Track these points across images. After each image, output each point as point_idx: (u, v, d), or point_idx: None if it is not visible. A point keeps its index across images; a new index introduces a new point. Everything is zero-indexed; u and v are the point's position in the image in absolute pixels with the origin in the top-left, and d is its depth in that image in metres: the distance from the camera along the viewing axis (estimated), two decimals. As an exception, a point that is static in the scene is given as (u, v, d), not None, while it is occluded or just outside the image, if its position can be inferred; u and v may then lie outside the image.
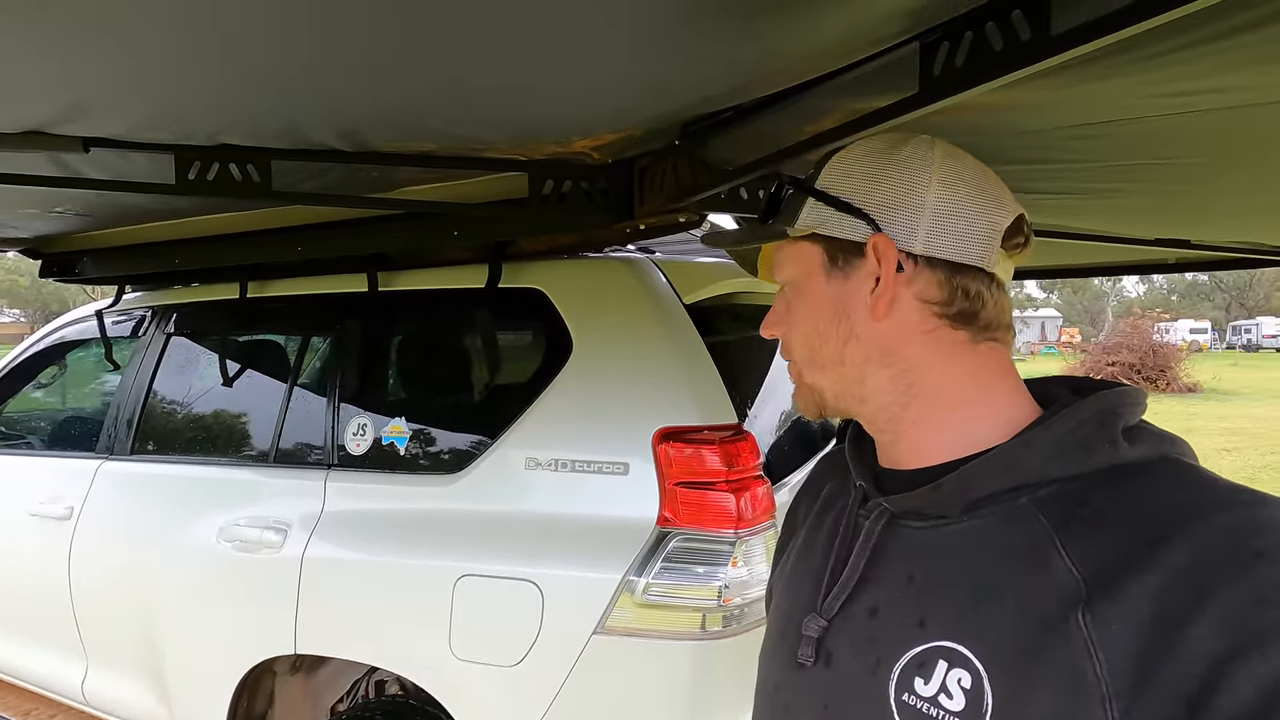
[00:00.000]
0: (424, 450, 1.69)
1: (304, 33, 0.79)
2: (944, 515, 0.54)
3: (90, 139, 1.20)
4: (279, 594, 1.69)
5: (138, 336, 2.31)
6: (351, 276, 1.91)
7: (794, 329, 0.63)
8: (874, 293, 0.57)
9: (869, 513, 0.59)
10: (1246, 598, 0.40)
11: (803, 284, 0.62)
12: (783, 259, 0.64)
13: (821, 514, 0.68)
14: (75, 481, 2.17)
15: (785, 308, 0.64)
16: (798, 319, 0.62)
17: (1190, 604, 0.41)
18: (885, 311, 0.57)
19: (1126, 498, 0.47)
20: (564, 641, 1.38)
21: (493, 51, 0.83)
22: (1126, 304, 41.17)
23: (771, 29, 0.79)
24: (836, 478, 0.69)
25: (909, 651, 0.51)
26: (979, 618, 0.49)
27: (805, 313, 0.62)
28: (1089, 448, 0.50)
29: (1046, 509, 0.49)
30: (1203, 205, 1.35)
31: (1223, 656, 0.39)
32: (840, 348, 0.60)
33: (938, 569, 0.53)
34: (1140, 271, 2.46)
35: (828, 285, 0.60)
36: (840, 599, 0.57)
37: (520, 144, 1.28)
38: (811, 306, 0.61)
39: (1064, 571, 0.46)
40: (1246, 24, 0.64)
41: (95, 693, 2.12)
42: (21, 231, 2.21)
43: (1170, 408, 12.91)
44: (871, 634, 0.54)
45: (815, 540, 0.66)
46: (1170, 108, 0.83)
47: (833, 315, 0.60)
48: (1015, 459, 0.51)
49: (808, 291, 0.62)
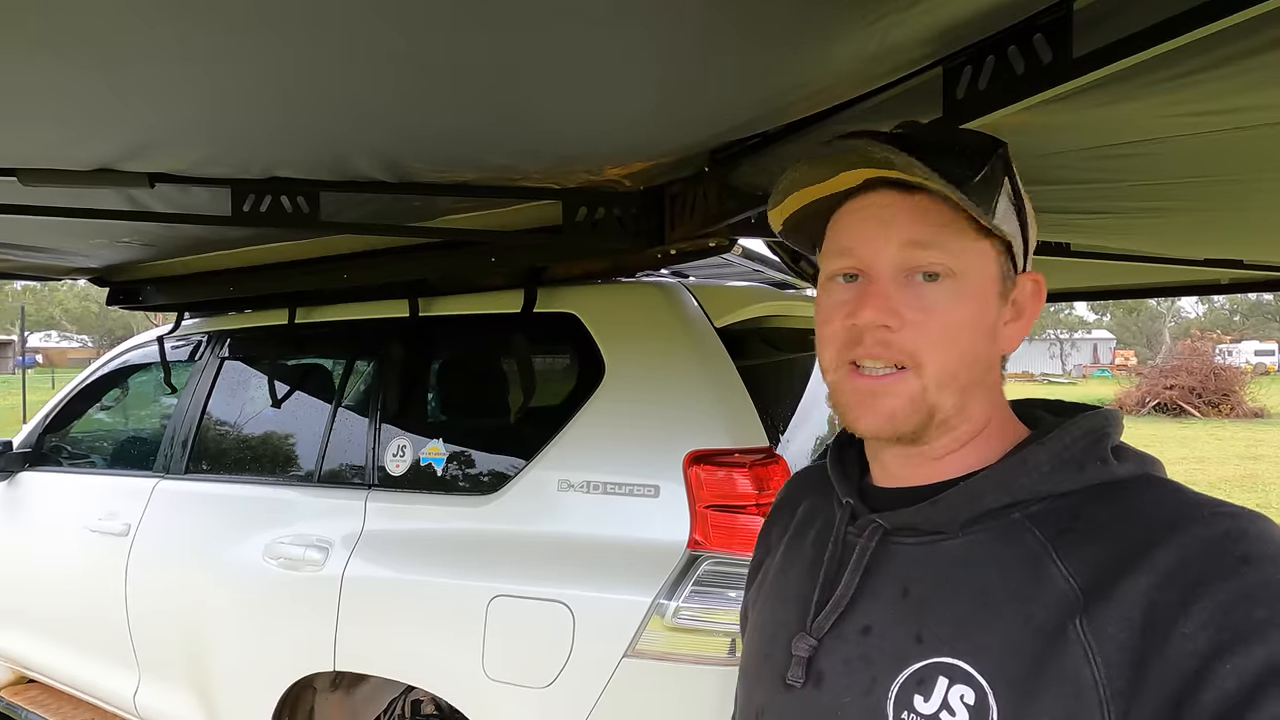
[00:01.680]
0: (460, 471, 1.73)
1: (359, 76, 0.84)
2: (940, 531, 0.54)
3: (155, 174, 1.29)
4: (320, 611, 1.73)
5: (194, 361, 2.43)
6: (393, 302, 1.98)
7: (943, 336, 0.52)
8: (1012, 325, 0.56)
9: (860, 530, 0.57)
10: (1233, 598, 0.42)
11: (976, 289, 0.53)
12: (948, 241, 0.52)
13: (800, 533, 0.66)
14: (133, 499, 2.27)
15: (915, 300, 0.52)
16: (954, 327, 0.52)
17: (1179, 604, 0.43)
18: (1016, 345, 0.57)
19: (1118, 511, 0.49)
20: (595, 664, 1.38)
21: (535, 90, 0.87)
22: (1185, 325, 39.48)
23: (797, 60, 0.81)
24: (812, 496, 0.68)
25: (907, 669, 0.51)
26: (979, 633, 0.49)
27: (970, 324, 0.53)
28: (1081, 465, 0.51)
29: (1040, 524, 0.50)
30: (1248, 224, 1.31)
31: (1209, 652, 0.41)
32: (984, 374, 0.55)
33: (933, 585, 0.52)
34: (1192, 293, 2.38)
35: (997, 304, 0.55)
36: (832, 617, 0.56)
37: (554, 173, 1.32)
38: (979, 320, 0.54)
39: (1061, 582, 0.47)
40: (1270, 42, 0.63)
41: (147, 705, 2.19)
42: (91, 261, 2.36)
43: (1235, 434, 12.27)
44: (865, 652, 0.53)
45: (795, 560, 0.64)
46: (1196, 127, 0.82)
47: (988, 337, 0.55)
48: (1014, 476, 0.52)
49: (978, 301, 0.53)
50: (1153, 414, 15.56)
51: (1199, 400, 15.31)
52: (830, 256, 0.58)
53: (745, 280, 2.37)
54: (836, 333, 0.55)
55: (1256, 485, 7.83)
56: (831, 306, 0.56)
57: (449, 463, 1.74)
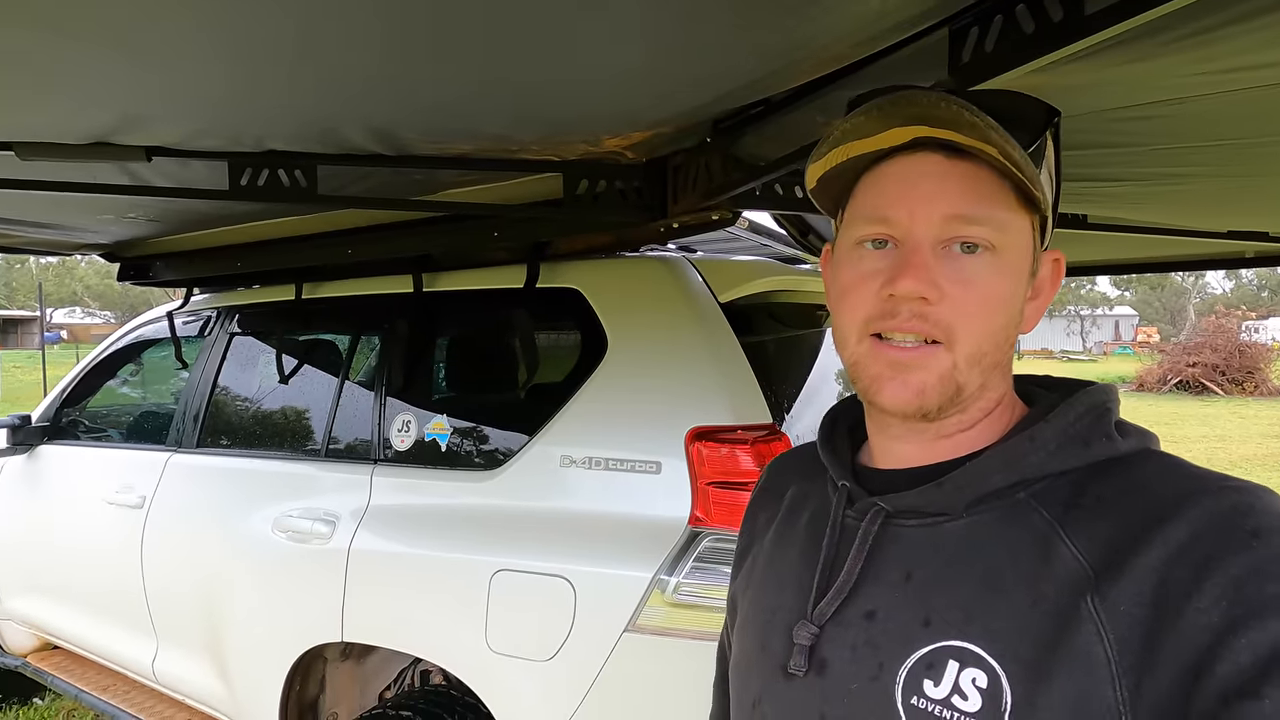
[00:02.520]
0: (464, 447, 1.73)
1: (343, 41, 0.82)
2: (944, 513, 0.52)
3: (151, 148, 1.28)
4: (327, 583, 1.75)
5: (204, 336, 2.44)
6: (398, 278, 1.97)
7: (980, 310, 0.50)
8: (1034, 302, 0.54)
9: (860, 513, 0.56)
10: (1245, 573, 0.41)
11: (1015, 263, 0.51)
12: (998, 213, 0.50)
13: (791, 518, 0.64)
14: (147, 472, 2.31)
15: (954, 272, 0.50)
16: (993, 301, 0.50)
17: (1192, 579, 0.42)
18: (1034, 325, 0.55)
19: (1124, 486, 0.48)
20: (596, 638, 1.39)
21: (523, 44, 0.84)
22: (1210, 301, 38.62)
23: (795, 18, 0.77)
24: (800, 480, 0.66)
25: (915, 653, 0.49)
26: (989, 615, 0.48)
27: (1008, 298, 0.51)
28: (1087, 441, 0.50)
29: (1046, 502, 0.50)
30: (1272, 192, 1.25)
31: (1223, 627, 0.40)
32: (1007, 351, 0.53)
33: (938, 567, 0.51)
34: (1215, 266, 2.31)
35: (1027, 279, 0.53)
36: (835, 604, 0.54)
37: (552, 143, 1.29)
38: (1015, 295, 0.52)
39: (1071, 560, 0.47)
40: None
41: (164, 672, 2.25)
42: (101, 237, 2.37)
43: (1259, 412, 12.05)
44: (870, 638, 0.52)
45: (789, 545, 0.62)
46: (1225, 84, 0.78)
47: (1019, 314, 0.53)
48: (1021, 455, 0.51)
49: (1017, 275, 0.51)
50: (1174, 391, 15.32)
51: (1222, 378, 15.04)
52: (860, 221, 0.54)
53: (753, 255, 2.33)
54: (864, 302, 0.52)
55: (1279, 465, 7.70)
56: (860, 275, 0.53)
57: (453, 438, 1.75)
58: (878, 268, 0.52)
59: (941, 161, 0.50)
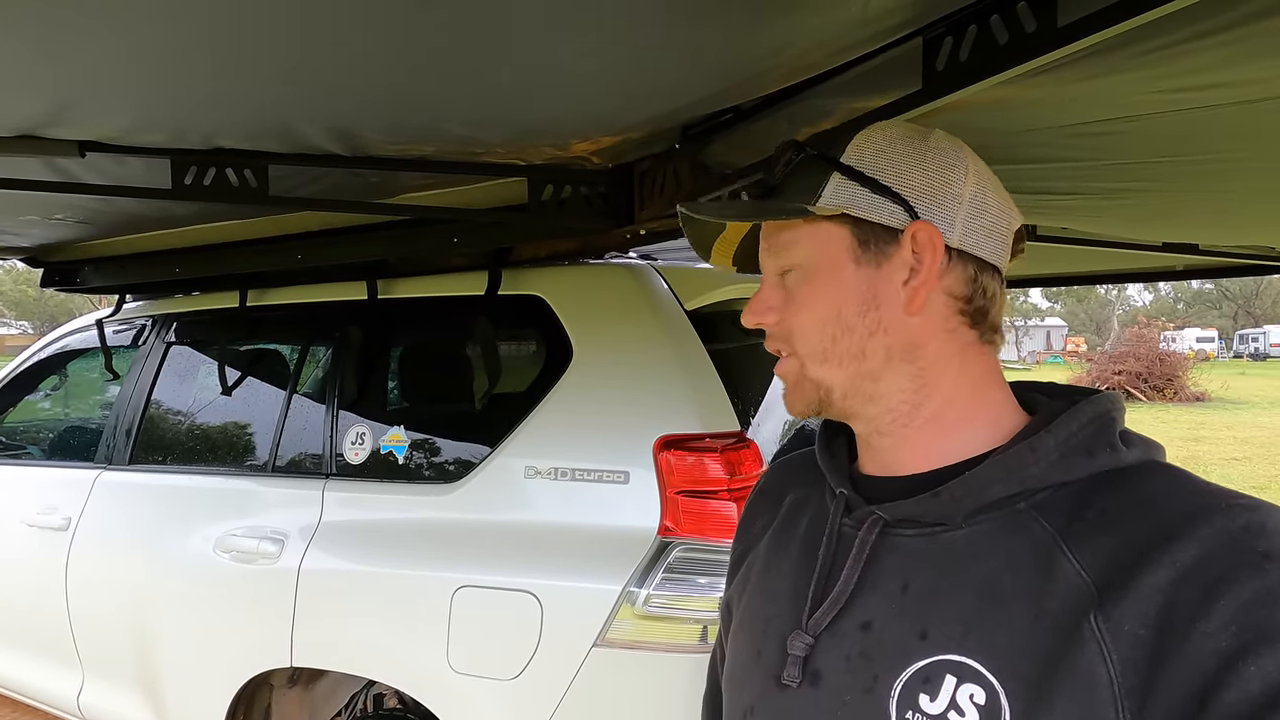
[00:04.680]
0: (423, 459, 1.67)
1: (294, 31, 0.78)
2: (942, 523, 0.52)
3: (85, 143, 1.19)
4: (275, 605, 1.66)
5: (137, 346, 2.30)
6: (351, 284, 1.90)
7: (802, 317, 0.56)
8: (909, 283, 0.54)
9: (857, 522, 0.55)
10: (1256, 597, 0.40)
11: (822, 268, 0.56)
12: (791, 239, 0.57)
13: (789, 524, 0.63)
14: (73, 491, 2.15)
15: (784, 294, 0.58)
16: (809, 306, 0.56)
17: (1200, 602, 0.41)
18: (921, 305, 0.53)
19: (1129, 500, 0.47)
20: (563, 654, 1.35)
21: (485, 49, 0.82)
22: (1132, 312, 40.97)
23: (768, 25, 0.77)
24: (798, 485, 0.66)
25: (911, 666, 0.49)
26: (989, 629, 0.47)
27: (823, 299, 0.56)
28: (1091, 452, 0.49)
29: (1047, 514, 0.49)
30: (1214, 207, 1.32)
31: (1232, 653, 0.39)
32: (865, 340, 0.55)
33: (937, 579, 0.50)
34: (1148, 279, 2.44)
35: (857, 272, 0.55)
36: (831, 614, 0.53)
37: (517, 147, 1.27)
38: (833, 294, 0.55)
39: (1073, 575, 0.46)
40: (1259, 11, 0.62)
41: (91, 706, 2.09)
42: (22, 240, 2.21)
43: (1178, 417, 12.80)
44: (866, 649, 0.51)
45: (785, 553, 0.62)
46: (1180, 103, 0.81)
47: (860, 305, 0.55)
48: (1023, 464, 0.50)
49: (828, 277, 0.56)
50: (1102, 398, 16.10)
51: (1145, 385, 15.90)
52: None
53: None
54: None
55: (1198, 466, 8.17)
56: None
57: (411, 450, 1.68)
58: None
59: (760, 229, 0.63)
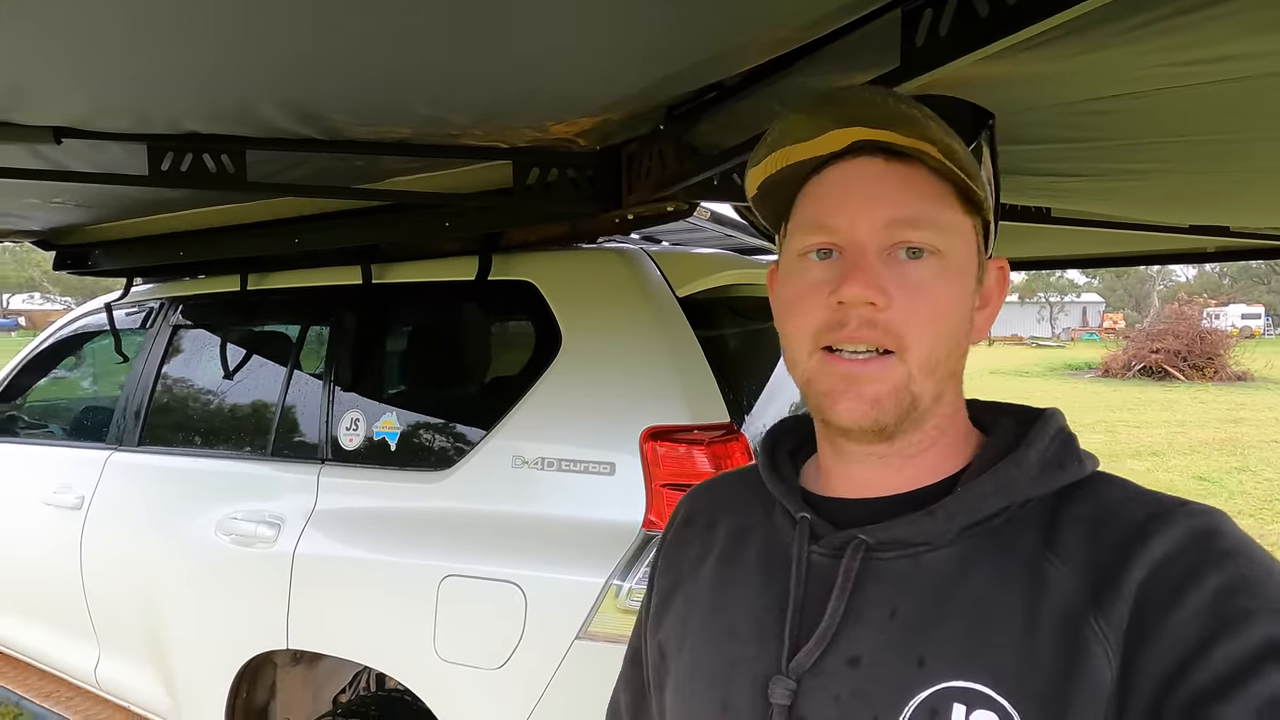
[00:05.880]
0: (414, 446, 1.66)
1: (244, 9, 0.74)
2: (927, 543, 0.49)
3: (60, 129, 1.18)
4: (272, 589, 1.68)
5: (145, 328, 2.33)
6: (347, 269, 1.89)
7: (929, 316, 0.48)
8: (983, 311, 0.53)
9: (832, 549, 0.51)
10: (1221, 589, 0.42)
11: (962, 267, 0.50)
12: (942, 218, 0.48)
13: (731, 556, 0.58)
14: (86, 471, 2.20)
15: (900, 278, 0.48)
16: (942, 306, 0.49)
17: (1171, 594, 0.43)
18: (981, 338, 0.53)
19: (1097, 509, 0.48)
20: (546, 646, 1.34)
21: (445, 26, 0.78)
22: (1174, 288, 39.59)
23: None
24: (732, 511, 0.60)
25: (914, 699, 0.45)
26: (990, 650, 0.45)
27: (957, 304, 0.50)
28: (1063, 465, 0.50)
29: (1027, 526, 0.48)
30: (1235, 187, 1.23)
31: (1201, 639, 0.41)
32: (960, 363, 0.52)
33: (926, 603, 0.48)
34: (1178, 261, 2.32)
35: (973, 288, 0.51)
36: (816, 653, 0.49)
37: (494, 129, 1.22)
38: (963, 300, 0.50)
39: (1065, 582, 0.46)
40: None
41: (107, 678, 2.16)
42: (30, 223, 2.24)
43: (1217, 397, 12.40)
44: (858, 687, 0.47)
45: (736, 587, 0.56)
46: (1178, 79, 0.74)
47: (967, 322, 0.51)
48: (1011, 479, 0.49)
49: (964, 280, 0.50)
50: (1138, 377, 15.68)
51: (1184, 364, 15.41)
52: (802, 231, 0.51)
53: (718, 246, 2.28)
54: (812, 313, 0.49)
55: (1235, 449, 7.90)
56: (808, 286, 0.50)
57: (402, 437, 1.68)
58: (824, 277, 0.49)
59: (881, 165, 0.48)
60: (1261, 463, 7.18)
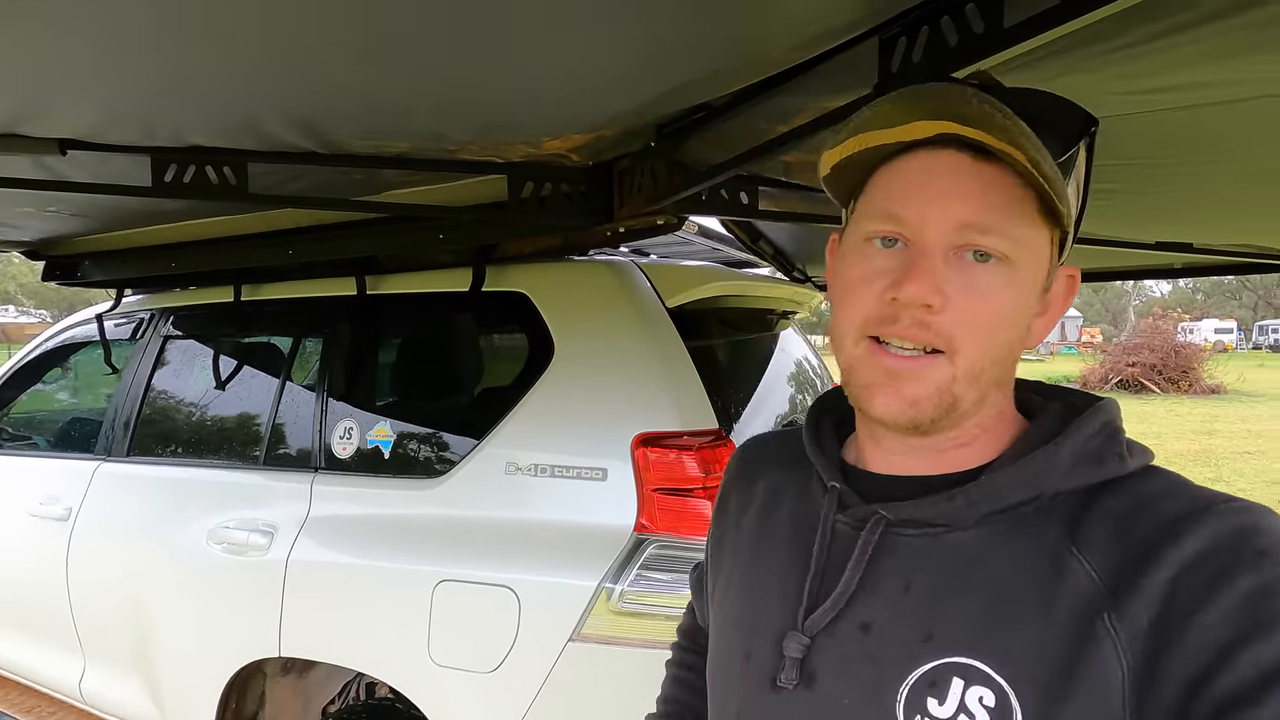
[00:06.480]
0: (407, 454, 1.69)
1: (250, 27, 0.78)
2: (948, 525, 0.50)
3: (65, 141, 1.21)
4: (264, 596, 1.69)
5: (136, 339, 2.33)
6: (340, 280, 1.91)
7: (985, 321, 0.48)
8: (1042, 318, 0.52)
9: (855, 520, 0.53)
10: (1253, 591, 0.41)
11: (1030, 277, 0.49)
12: (1017, 225, 0.47)
13: (768, 512, 0.61)
14: (74, 482, 2.19)
15: (963, 282, 0.47)
16: (1001, 313, 0.48)
17: (1201, 595, 0.42)
18: (1037, 344, 0.52)
19: (1133, 503, 0.47)
20: (540, 649, 1.37)
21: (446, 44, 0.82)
22: (1150, 303, 40.41)
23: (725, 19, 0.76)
24: (772, 470, 0.63)
25: (917, 669, 0.47)
26: (998, 631, 0.46)
27: (1018, 313, 0.49)
28: (1101, 460, 0.49)
29: (1055, 517, 0.48)
30: (1193, 207, 1.30)
31: (1228, 642, 0.41)
32: (1010, 368, 0.51)
33: (941, 579, 0.49)
34: (1145, 276, 2.40)
35: (1039, 296, 0.51)
36: (830, 615, 0.51)
37: (491, 144, 1.27)
38: (1025, 310, 0.50)
39: (1084, 577, 0.46)
40: (1220, 10, 0.60)
41: (92, 692, 2.14)
42: (22, 233, 2.24)
43: (1192, 409, 12.64)
44: (868, 651, 0.50)
45: (769, 544, 0.59)
46: (1142, 105, 0.80)
47: (1020, 330, 0.50)
48: (1039, 471, 0.49)
49: (1029, 289, 0.49)
50: (1115, 390, 15.94)
51: (1159, 377, 15.71)
52: (871, 216, 0.51)
53: (706, 259, 2.34)
54: (866, 302, 0.49)
55: (1210, 460, 8.08)
56: (867, 273, 0.50)
57: (396, 445, 1.70)
58: (885, 267, 0.49)
59: (964, 161, 0.47)
60: (1234, 473, 7.35)
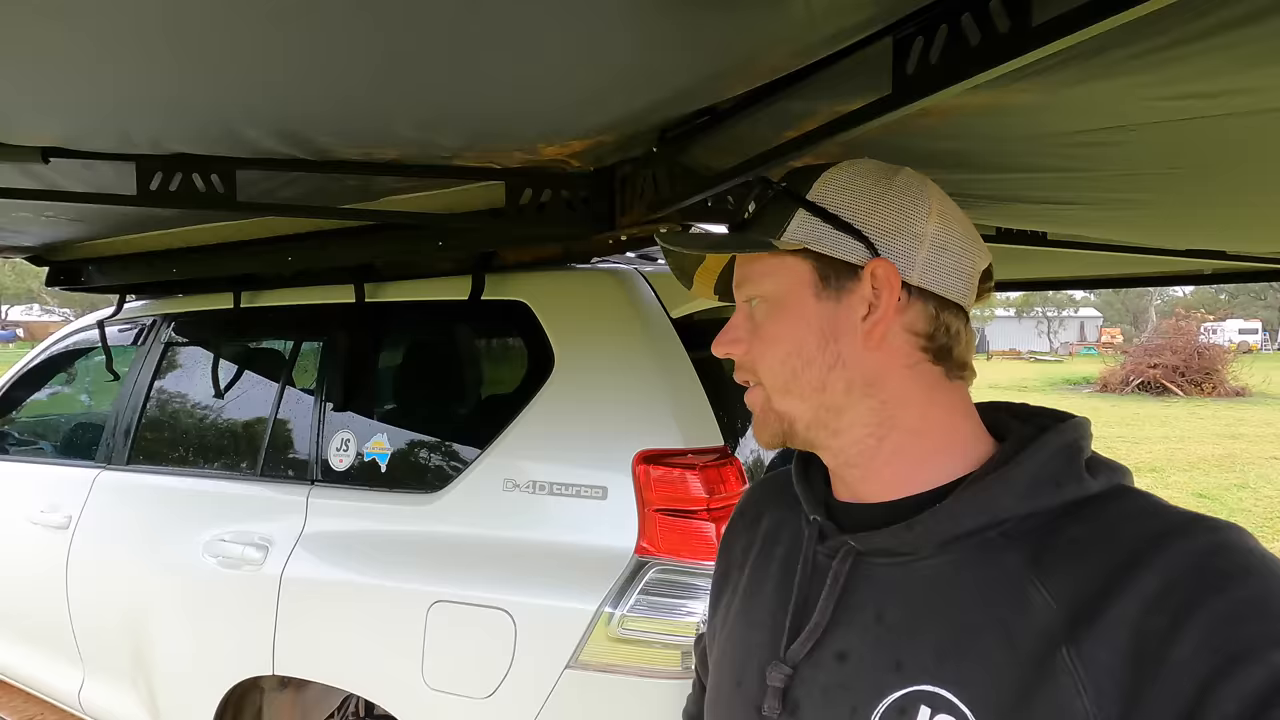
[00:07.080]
0: (404, 468, 1.64)
1: (219, 33, 0.73)
2: (914, 552, 0.52)
3: (48, 149, 1.17)
4: (259, 613, 1.65)
5: (137, 345, 2.31)
6: (340, 287, 1.87)
7: (766, 349, 0.58)
8: (867, 319, 0.55)
9: (831, 551, 0.56)
10: (1221, 618, 0.41)
11: (785, 301, 0.58)
12: (757, 272, 0.59)
13: (767, 550, 0.64)
14: (74, 490, 2.18)
15: (751, 325, 0.60)
16: (772, 339, 0.58)
17: (1169, 628, 0.42)
18: (879, 340, 0.55)
19: (1095, 529, 0.48)
20: (536, 675, 1.31)
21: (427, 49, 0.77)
22: (1171, 303, 39.68)
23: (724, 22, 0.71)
24: (776, 509, 0.66)
25: (887, 698, 0.49)
26: (961, 660, 0.48)
27: (785, 333, 0.57)
28: (1059, 482, 0.50)
29: (1016, 544, 0.49)
30: (1233, 216, 1.22)
31: (1207, 677, 0.40)
32: (825, 374, 0.56)
33: (910, 609, 0.51)
34: (1174, 282, 2.31)
35: (818, 306, 0.57)
36: (807, 645, 0.54)
37: (484, 151, 1.22)
38: (795, 327, 0.57)
39: (1043, 607, 0.46)
40: (1261, 10, 0.54)
41: (91, 702, 2.12)
42: (23, 239, 2.22)
43: (1216, 412, 12.37)
44: (843, 680, 0.52)
45: (764, 579, 0.62)
46: (1171, 114, 0.73)
47: (820, 338, 0.56)
48: (993, 496, 0.50)
49: (791, 310, 0.57)
50: (1136, 392, 15.67)
51: (1182, 379, 15.41)
52: None
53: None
54: None
55: (1234, 464, 7.88)
56: None
57: (393, 458, 1.66)
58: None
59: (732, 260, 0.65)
60: (1261, 479, 7.15)
